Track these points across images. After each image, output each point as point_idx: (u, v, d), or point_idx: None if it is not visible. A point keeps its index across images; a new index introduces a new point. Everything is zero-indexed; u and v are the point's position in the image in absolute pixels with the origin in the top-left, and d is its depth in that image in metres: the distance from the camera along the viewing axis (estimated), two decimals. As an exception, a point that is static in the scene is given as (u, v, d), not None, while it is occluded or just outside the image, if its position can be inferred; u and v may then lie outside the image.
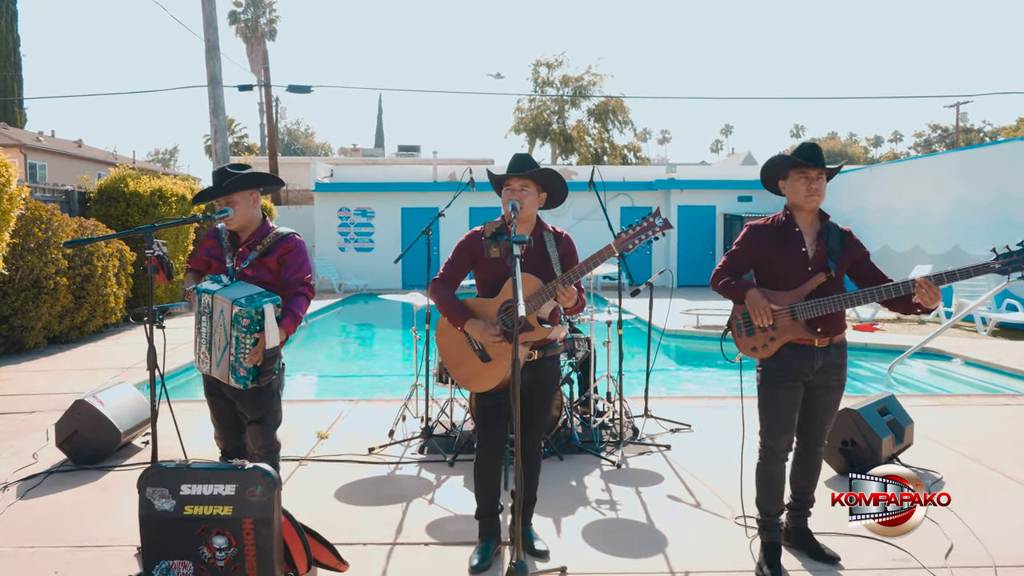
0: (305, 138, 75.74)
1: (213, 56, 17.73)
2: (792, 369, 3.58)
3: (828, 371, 3.61)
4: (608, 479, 4.94)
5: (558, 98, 34.81)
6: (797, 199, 3.61)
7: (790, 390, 3.58)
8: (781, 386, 3.58)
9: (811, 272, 3.57)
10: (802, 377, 3.59)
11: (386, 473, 5.10)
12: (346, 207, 23.22)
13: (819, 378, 3.62)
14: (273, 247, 3.78)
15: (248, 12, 49.94)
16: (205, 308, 3.62)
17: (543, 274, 3.52)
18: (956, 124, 54.58)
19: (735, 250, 3.79)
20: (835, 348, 3.62)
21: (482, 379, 3.55)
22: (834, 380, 3.65)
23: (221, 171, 3.81)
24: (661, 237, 3.32)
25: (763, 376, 3.65)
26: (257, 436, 3.72)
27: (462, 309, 3.56)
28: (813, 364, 3.57)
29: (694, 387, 9.32)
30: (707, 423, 6.23)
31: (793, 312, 3.54)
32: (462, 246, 3.68)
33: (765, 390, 3.62)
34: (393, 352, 12.68)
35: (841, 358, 3.66)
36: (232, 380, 3.52)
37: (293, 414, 6.60)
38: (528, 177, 3.56)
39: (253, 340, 3.50)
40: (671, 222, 3.30)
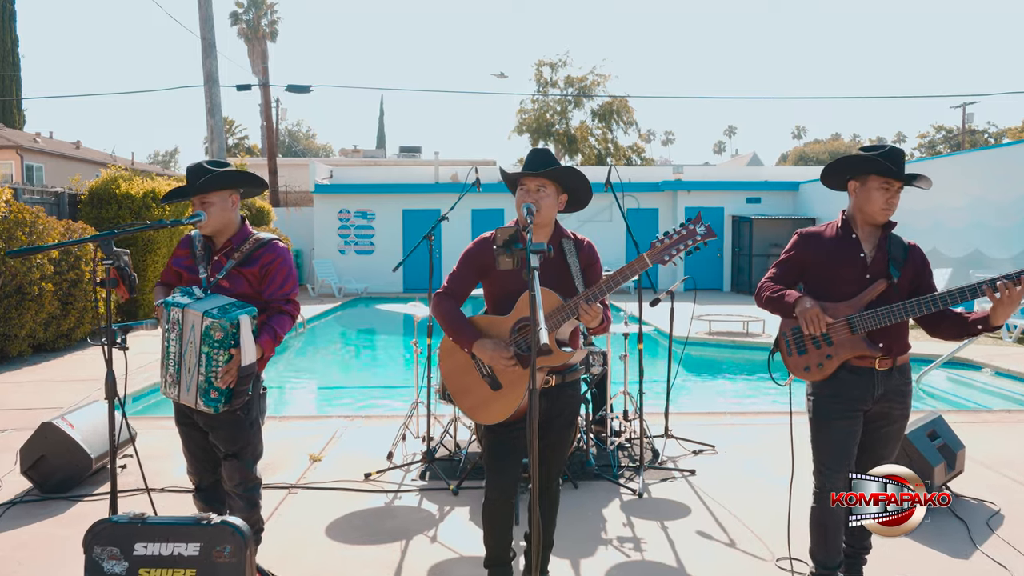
0: (306, 140, 75.33)
1: (210, 55, 17.30)
2: (850, 396, 3.11)
3: (891, 399, 3.15)
4: (629, 511, 4.46)
5: (561, 99, 34.33)
6: (871, 209, 3.15)
7: (848, 420, 3.12)
8: (838, 416, 3.12)
9: (869, 280, 3.12)
10: (861, 406, 3.13)
11: (384, 504, 4.62)
12: (346, 209, 22.74)
13: (879, 407, 3.16)
14: (254, 256, 3.32)
15: (249, 13, 49.51)
16: (174, 324, 3.16)
17: (563, 288, 3.05)
18: (963, 125, 54.00)
19: (783, 259, 3.36)
20: (898, 372, 3.16)
21: (492, 409, 3.07)
22: (897, 409, 3.18)
23: (197, 167, 3.33)
24: (703, 247, 2.84)
25: (816, 405, 3.18)
26: (233, 472, 3.25)
27: (469, 328, 3.08)
28: (873, 391, 3.11)
29: (709, 399, 8.83)
30: (732, 444, 5.75)
31: (851, 324, 3.08)
32: (469, 256, 3.20)
33: (820, 421, 3.16)
34: (394, 362, 12.17)
35: (905, 384, 3.20)
36: (202, 404, 3.07)
37: (284, 432, 6.15)
38: (546, 176, 3.08)
39: (227, 356, 3.06)
40: (711, 229, 2.80)
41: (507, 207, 21.93)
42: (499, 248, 2.74)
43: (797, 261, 3.30)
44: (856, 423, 3.13)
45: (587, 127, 34.19)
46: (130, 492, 4.66)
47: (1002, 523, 4.23)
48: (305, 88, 23.44)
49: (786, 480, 4.73)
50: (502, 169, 3.26)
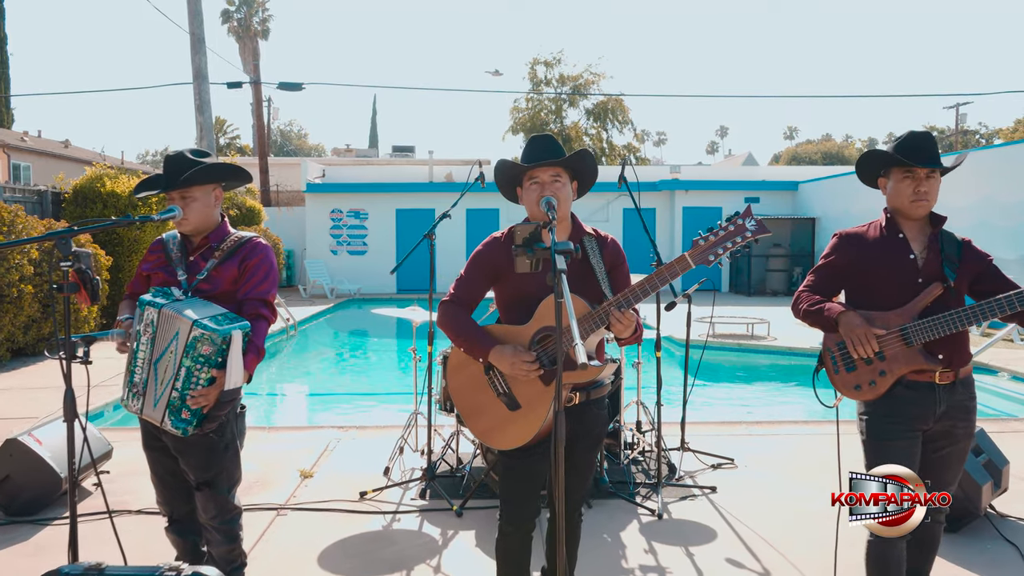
0: (298, 139, 74.75)
1: (199, 50, 16.87)
2: (908, 415, 2.76)
3: (954, 416, 2.80)
4: (649, 534, 4.09)
5: (556, 97, 33.94)
6: (901, 203, 2.86)
7: (907, 441, 2.76)
8: (896, 437, 2.75)
9: (922, 284, 2.77)
10: (921, 425, 2.78)
11: (381, 527, 4.23)
12: (338, 208, 22.30)
13: (941, 425, 2.80)
14: (235, 254, 2.96)
15: (241, 11, 48.99)
16: (147, 325, 2.77)
17: (587, 293, 2.68)
18: (956, 125, 53.87)
19: (822, 265, 3.03)
20: (961, 385, 2.82)
21: (509, 433, 2.69)
22: (960, 428, 2.83)
23: (178, 157, 2.95)
24: (753, 246, 2.48)
25: (871, 425, 2.82)
26: (208, 503, 2.86)
27: (483, 335, 2.70)
28: (935, 408, 2.76)
29: (719, 406, 8.47)
30: (752, 457, 5.39)
31: (905, 335, 2.73)
32: (480, 258, 2.82)
33: (875, 444, 2.80)
34: (389, 367, 11.74)
35: (970, 398, 2.84)
36: (169, 423, 2.69)
37: (273, 445, 5.76)
38: (562, 165, 2.71)
39: (209, 377, 2.67)
40: (764, 224, 2.41)
41: (503, 206, 21.56)
42: (518, 248, 2.37)
43: (838, 266, 2.96)
44: (916, 444, 2.78)
45: (580, 127, 33.79)
46: (101, 515, 4.26)
47: (1059, 550, 3.87)
48: (297, 86, 22.98)
49: (818, 498, 4.39)
50: (503, 161, 2.84)
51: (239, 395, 2.80)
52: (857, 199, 18.85)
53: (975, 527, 4.04)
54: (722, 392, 9.48)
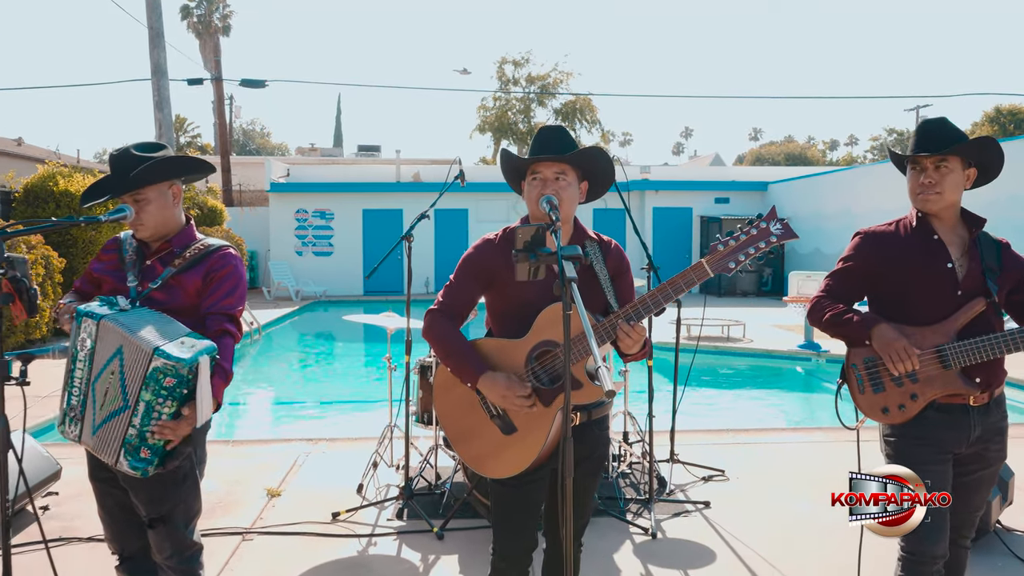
0: (261, 138, 73.53)
1: (157, 45, 16.30)
2: (940, 439, 2.52)
3: (987, 439, 2.58)
4: (644, 556, 3.83)
5: (524, 97, 33.72)
6: (911, 196, 2.62)
7: (940, 465, 2.52)
8: (927, 462, 2.51)
9: (962, 298, 2.51)
10: (954, 448, 2.54)
11: (356, 552, 3.92)
12: (304, 209, 21.81)
13: (974, 448, 2.57)
14: (199, 263, 2.60)
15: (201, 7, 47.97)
16: (84, 341, 2.40)
17: (590, 303, 2.42)
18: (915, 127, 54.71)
19: (842, 269, 2.73)
20: (995, 406, 2.59)
21: (504, 459, 2.41)
22: (994, 450, 2.61)
23: (124, 155, 2.58)
24: (777, 251, 2.22)
25: (898, 449, 2.57)
26: (163, 541, 2.52)
27: (473, 357, 2.41)
28: (969, 432, 2.53)
29: (701, 412, 8.26)
30: (743, 468, 5.17)
31: (943, 357, 2.48)
32: (471, 263, 2.54)
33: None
34: (360, 374, 11.32)
35: (1003, 419, 2.62)
36: (125, 464, 2.33)
37: (237, 459, 5.41)
38: (568, 161, 2.43)
39: (173, 410, 2.32)
40: (790, 227, 2.14)
41: (472, 206, 21.26)
42: (520, 253, 2.09)
43: (862, 272, 2.68)
44: (948, 469, 2.54)
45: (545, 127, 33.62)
46: (52, 543, 3.88)
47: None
48: (260, 83, 22.42)
49: (817, 512, 4.18)
50: (505, 151, 2.57)
51: (208, 427, 2.47)
52: (827, 199, 18.89)
53: (984, 543, 3.85)
54: (703, 396, 9.28)
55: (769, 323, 13.60)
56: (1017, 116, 40.66)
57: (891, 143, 60.43)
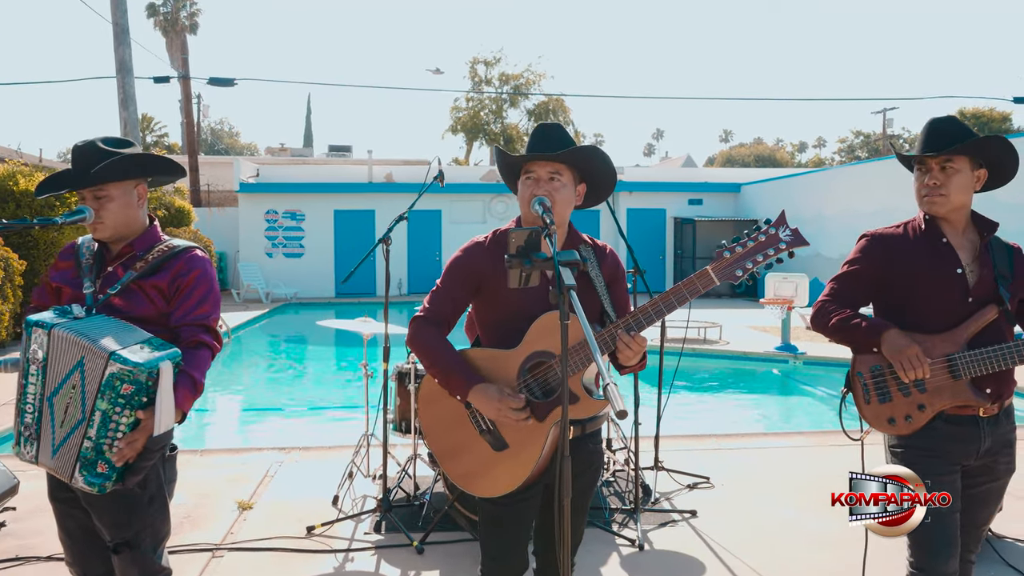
0: (230, 138, 72.58)
1: (122, 41, 15.92)
2: (949, 451, 2.43)
3: (997, 451, 2.49)
4: (631, 569, 3.71)
5: (497, 97, 33.59)
6: (917, 198, 2.51)
7: (949, 477, 2.43)
8: (936, 474, 2.41)
9: (972, 305, 2.42)
10: (963, 460, 2.45)
11: (333, 568, 3.75)
12: (274, 209, 21.47)
13: (983, 460, 2.48)
14: (164, 266, 2.41)
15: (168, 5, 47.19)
16: (35, 352, 2.21)
17: (587, 312, 2.27)
18: (883, 130, 55.46)
19: (848, 272, 2.61)
20: (1005, 417, 2.50)
21: (494, 477, 2.26)
22: (1003, 463, 2.52)
23: (89, 147, 2.39)
24: (785, 259, 2.09)
25: (906, 461, 2.45)
26: (129, 567, 2.34)
27: (463, 367, 2.26)
28: (979, 444, 2.44)
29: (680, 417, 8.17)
30: (728, 475, 5.07)
31: (953, 367, 2.38)
32: (459, 267, 2.39)
33: None
34: (334, 380, 11.08)
35: (1012, 430, 2.54)
36: (81, 480, 2.16)
37: (205, 469, 5.20)
38: (563, 160, 2.29)
39: (132, 420, 2.14)
40: (800, 234, 2.01)
41: (445, 208, 21.09)
42: (513, 258, 1.94)
43: (869, 276, 2.57)
44: (957, 481, 2.45)
45: (517, 128, 33.49)
46: (8, 563, 3.68)
47: (1065, 577, 3.64)
48: (228, 81, 21.99)
49: (805, 521, 4.10)
50: (500, 150, 2.44)
51: (170, 438, 2.30)
52: (798, 201, 19.00)
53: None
54: (683, 400, 9.20)
55: (745, 324, 13.60)
56: (980, 119, 41.38)
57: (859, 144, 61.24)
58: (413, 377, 4.43)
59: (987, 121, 40.48)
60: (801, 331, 11.31)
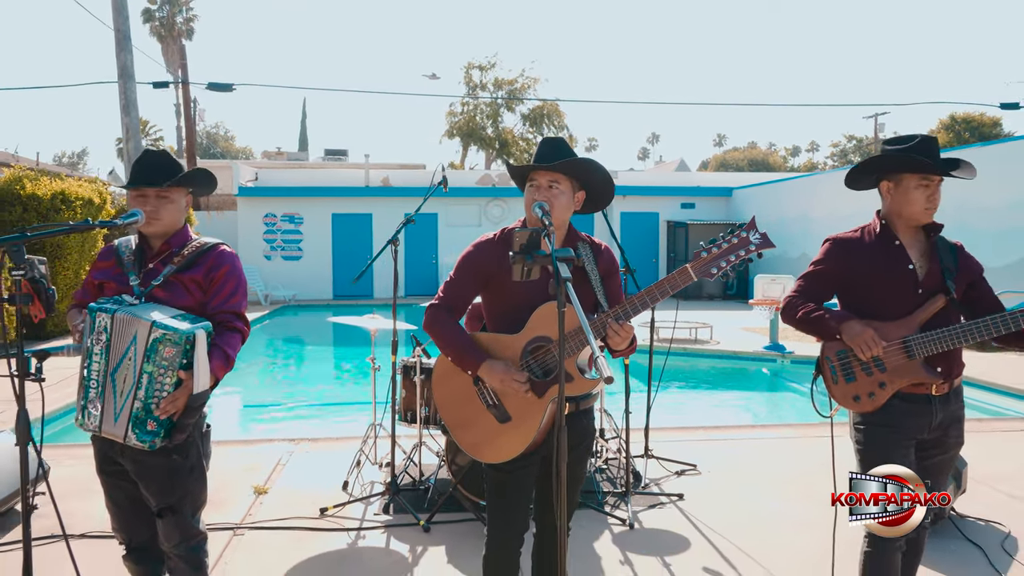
0: (225, 141, 72.82)
1: (124, 48, 16.19)
2: (905, 426, 2.75)
3: (948, 425, 2.82)
4: (622, 544, 4.02)
5: (492, 102, 33.90)
6: (912, 210, 2.79)
7: (904, 449, 2.75)
8: (894, 447, 2.73)
9: (922, 296, 2.75)
10: (917, 435, 2.78)
11: (346, 544, 4.06)
12: (272, 213, 21.77)
13: (935, 435, 2.80)
14: (198, 261, 2.76)
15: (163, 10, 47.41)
16: (100, 334, 2.54)
17: (582, 302, 2.58)
18: (875, 135, 55.99)
19: (814, 272, 2.96)
20: (954, 395, 2.82)
21: (498, 445, 2.58)
22: (952, 436, 2.85)
23: (163, 154, 2.79)
24: (755, 259, 2.42)
25: (868, 437, 2.79)
26: (171, 530, 2.68)
27: (474, 347, 2.59)
28: (931, 419, 2.76)
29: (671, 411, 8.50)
30: (714, 463, 5.39)
31: (908, 348, 2.71)
32: (469, 261, 2.71)
33: (872, 453, 2.77)
34: (336, 375, 11.41)
35: (961, 408, 2.86)
36: (134, 438, 2.49)
37: (221, 459, 5.44)
38: (559, 170, 2.62)
39: (175, 380, 2.49)
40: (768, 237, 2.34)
41: (441, 211, 21.41)
42: (517, 255, 2.26)
43: (832, 274, 2.91)
44: (911, 453, 2.77)
45: (512, 132, 33.79)
46: (45, 540, 3.97)
47: (1017, 547, 3.98)
48: (227, 86, 22.27)
49: (785, 503, 4.43)
50: (508, 163, 2.80)
51: (207, 399, 2.62)
52: (786, 204, 19.37)
53: (940, 528, 4.10)
54: (674, 397, 9.53)
55: (736, 325, 13.93)
56: (971, 124, 41.89)
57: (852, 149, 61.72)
58: (418, 370, 4.73)
59: (978, 126, 40.97)
60: (789, 331, 11.65)
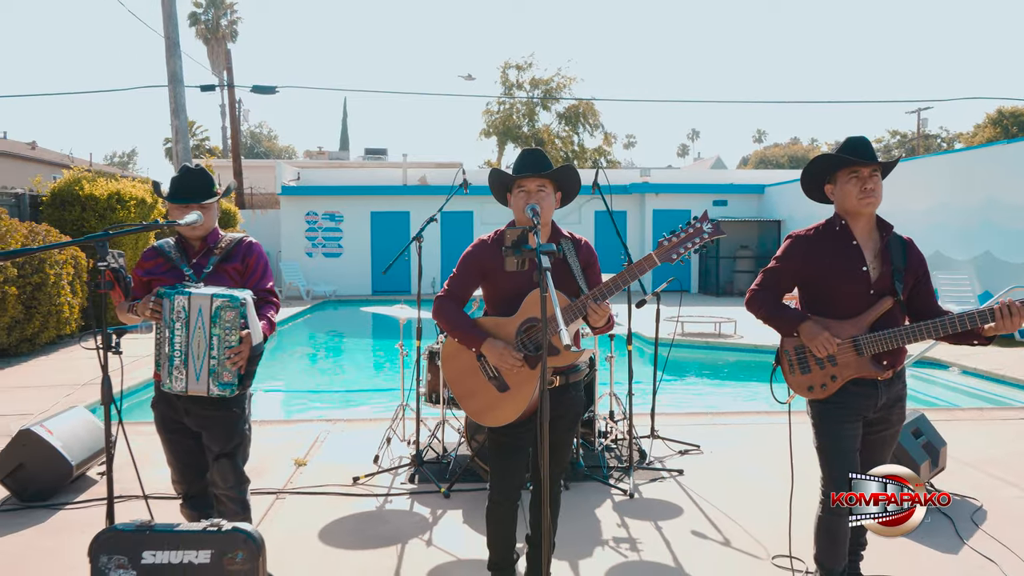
0: (268, 141, 74.44)
1: (174, 54, 16.99)
2: (854, 405, 3.11)
3: (891, 405, 3.18)
4: (622, 511, 4.47)
5: (528, 101, 34.35)
6: (849, 203, 3.11)
7: (853, 425, 3.12)
8: (843, 422, 3.10)
9: (873, 296, 3.10)
10: (864, 413, 3.14)
11: (375, 507, 4.57)
12: (313, 211, 22.51)
13: (880, 413, 3.17)
14: (233, 252, 3.42)
15: (208, 13, 48.81)
16: (179, 313, 3.11)
17: (565, 288, 3.06)
18: (918, 130, 55.20)
19: (775, 267, 3.28)
20: (897, 379, 3.19)
21: (498, 411, 3.06)
22: (896, 414, 3.22)
23: (202, 171, 3.41)
24: (710, 245, 2.86)
25: (822, 414, 3.15)
26: (228, 472, 3.23)
27: (477, 329, 3.08)
28: (877, 400, 3.12)
29: (686, 399, 8.91)
30: (716, 443, 5.80)
31: (857, 346, 3.06)
32: (470, 258, 3.21)
33: (826, 429, 3.13)
34: (367, 365, 12.07)
35: (903, 389, 3.23)
36: (216, 388, 3.09)
37: (265, 437, 6.05)
38: (548, 177, 3.09)
39: (238, 338, 3.10)
40: (719, 227, 2.80)
41: (476, 209, 21.92)
42: (508, 249, 2.73)
43: (792, 271, 3.23)
44: (859, 428, 3.12)
45: (550, 130, 34.16)
46: (118, 499, 4.53)
47: (986, 518, 4.32)
48: (270, 89, 23.08)
49: (775, 479, 4.84)
50: (496, 170, 3.27)
51: (263, 349, 3.23)
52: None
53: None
54: (690, 388, 9.92)
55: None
56: (1019, 118, 41.22)
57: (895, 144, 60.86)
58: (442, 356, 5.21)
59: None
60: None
